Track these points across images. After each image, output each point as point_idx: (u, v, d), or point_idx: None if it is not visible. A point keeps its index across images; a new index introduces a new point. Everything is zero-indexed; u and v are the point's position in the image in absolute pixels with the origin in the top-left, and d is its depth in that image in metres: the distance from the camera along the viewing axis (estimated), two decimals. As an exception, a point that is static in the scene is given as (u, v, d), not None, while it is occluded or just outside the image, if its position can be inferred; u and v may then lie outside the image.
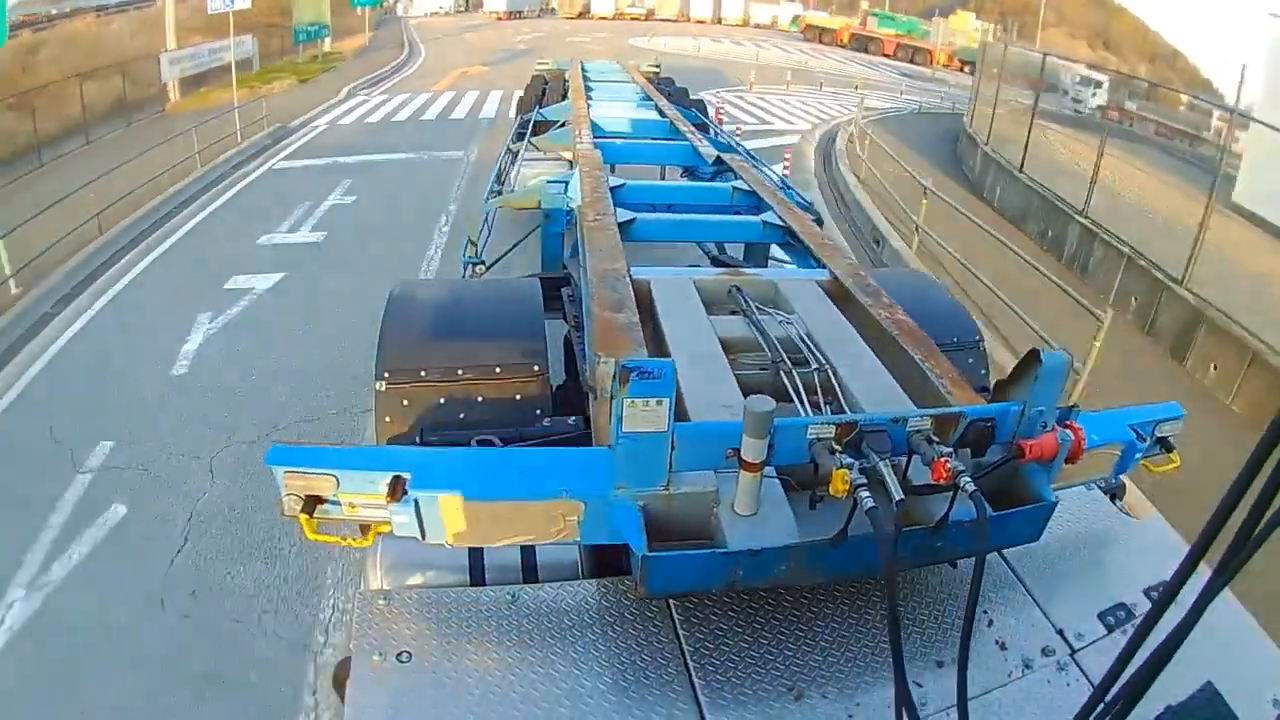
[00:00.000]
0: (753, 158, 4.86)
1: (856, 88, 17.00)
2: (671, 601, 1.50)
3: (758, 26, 40.98)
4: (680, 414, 1.45)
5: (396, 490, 1.38)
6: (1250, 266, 6.60)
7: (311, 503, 1.39)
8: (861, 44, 34.24)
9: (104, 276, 6.50)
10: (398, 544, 1.60)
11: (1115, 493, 1.95)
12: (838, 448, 1.38)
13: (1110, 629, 1.55)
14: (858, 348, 2.08)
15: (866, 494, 1.28)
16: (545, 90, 7.47)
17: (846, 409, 1.79)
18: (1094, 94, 13.98)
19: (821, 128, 13.28)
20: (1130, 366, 5.47)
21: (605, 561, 1.63)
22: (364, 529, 1.47)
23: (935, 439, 1.43)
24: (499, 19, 36.85)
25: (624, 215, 3.06)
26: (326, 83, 16.40)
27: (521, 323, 2.32)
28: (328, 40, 22.55)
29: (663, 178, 5.65)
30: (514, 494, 1.40)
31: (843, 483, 1.31)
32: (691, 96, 7.73)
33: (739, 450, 1.36)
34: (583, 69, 8.07)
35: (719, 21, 41.47)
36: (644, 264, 2.49)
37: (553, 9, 40.64)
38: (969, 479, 1.31)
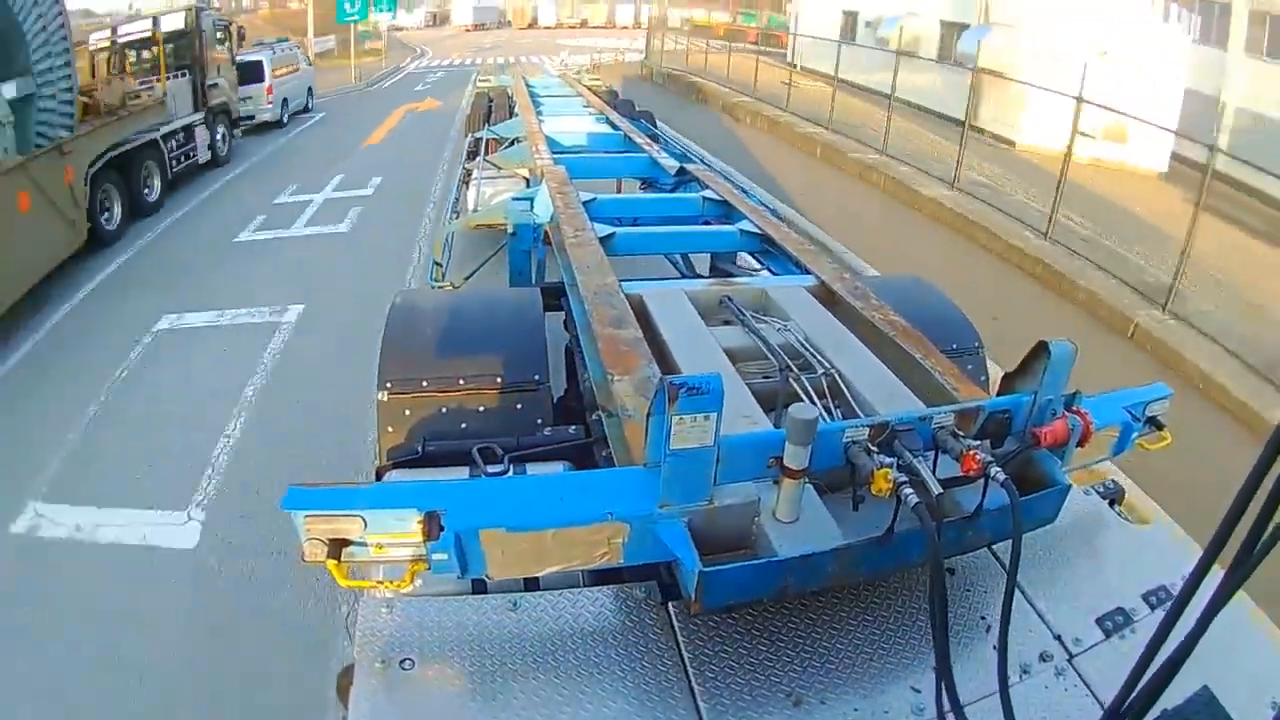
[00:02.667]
0: (711, 167, 5.79)
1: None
2: (672, 609, 1.69)
3: (671, 29, 60.58)
4: None
5: (432, 528, 1.51)
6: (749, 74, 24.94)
7: (337, 546, 1.51)
8: (732, 36, 54.63)
9: (375, 87, 25.63)
10: None
11: (1113, 497, 2.23)
12: (873, 448, 1.61)
13: (1108, 634, 1.74)
14: (857, 350, 2.44)
15: (910, 490, 1.50)
16: (491, 108, 8.73)
17: (857, 410, 2.09)
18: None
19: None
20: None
21: (604, 569, 1.77)
22: (404, 572, 1.59)
23: (960, 433, 1.70)
24: (467, 30, 56.63)
25: (603, 230, 3.55)
26: (389, 60, 35.86)
27: (522, 332, 2.63)
28: (367, 42, 42.48)
29: (619, 190, 6.32)
30: (558, 521, 1.56)
31: (885, 481, 1.52)
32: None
33: (781, 458, 1.57)
34: (527, 85, 9.53)
35: (638, 25, 61.19)
36: (627, 277, 2.85)
37: (508, 21, 60.88)
38: (998, 468, 1.56)
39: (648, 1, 62.07)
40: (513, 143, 6.30)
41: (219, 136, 13.11)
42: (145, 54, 11.60)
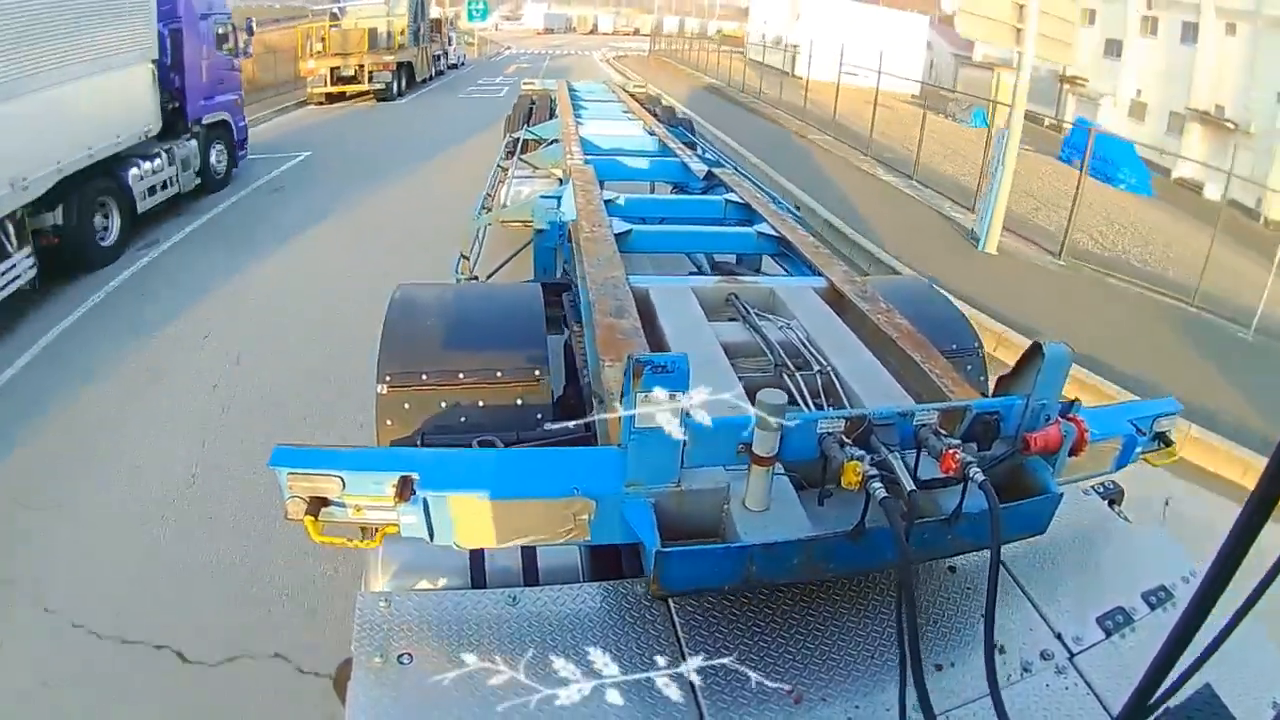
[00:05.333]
0: (741, 172, 6.49)
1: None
2: (672, 604, 1.86)
3: (708, 38, 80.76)
4: None
5: (404, 491, 1.72)
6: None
7: (316, 504, 1.74)
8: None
9: (491, 60, 46.72)
10: (399, 546, 2.07)
11: (1113, 498, 2.46)
12: (847, 441, 1.75)
13: (1109, 633, 1.92)
14: (857, 350, 2.66)
15: (878, 485, 1.62)
16: (532, 110, 10.09)
17: (849, 408, 2.26)
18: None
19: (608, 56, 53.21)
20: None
21: (605, 564, 2.01)
22: (369, 531, 1.85)
23: (942, 432, 1.84)
24: (538, 33, 78.39)
25: (620, 226, 3.91)
26: (488, 49, 56.79)
27: (523, 327, 2.90)
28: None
29: (652, 193, 6.98)
30: (524, 493, 1.76)
31: (854, 475, 1.65)
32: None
33: (750, 445, 1.73)
34: (570, 88, 10.77)
35: (682, 35, 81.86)
36: (641, 273, 3.13)
37: (573, 28, 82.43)
38: (977, 469, 1.68)
39: (697, 17, 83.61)
40: (551, 143, 7.13)
41: (445, 62, 34.00)
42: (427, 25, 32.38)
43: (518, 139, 8.13)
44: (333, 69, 23.90)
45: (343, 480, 1.75)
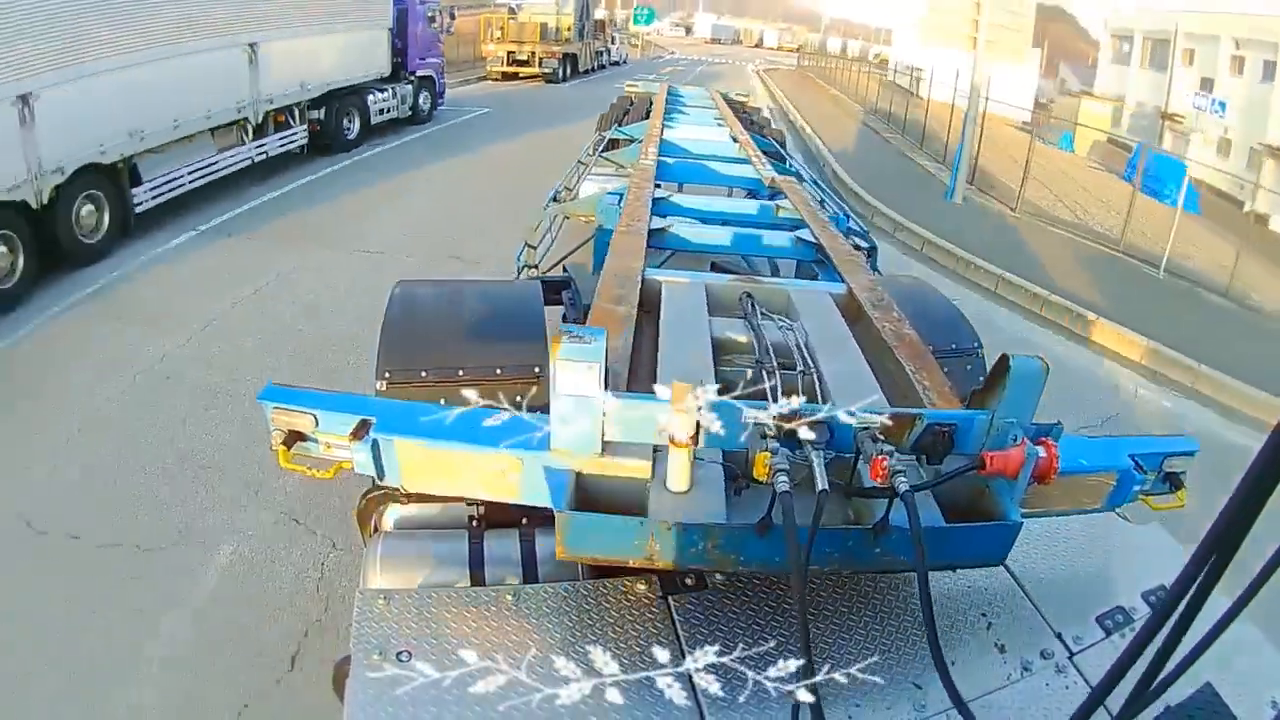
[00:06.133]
0: (817, 184, 6.76)
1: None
2: (672, 601, 1.91)
3: (866, 60, 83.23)
4: None
5: (360, 431, 1.93)
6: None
7: (293, 438, 1.97)
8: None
9: (652, 60, 52.14)
10: (398, 543, 2.19)
11: None
12: (770, 434, 1.70)
13: (1109, 632, 1.94)
14: (853, 356, 2.66)
15: (784, 479, 1.58)
16: (629, 110, 10.62)
17: None
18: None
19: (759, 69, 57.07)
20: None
21: (604, 563, 1.98)
22: (329, 464, 2.05)
23: (880, 438, 1.77)
24: (705, 42, 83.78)
25: (657, 223, 4.06)
26: (651, 51, 62.53)
27: (523, 324, 2.95)
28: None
29: (730, 196, 7.02)
30: (456, 441, 1.91)
31: (764, 467, 1.64)
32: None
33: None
34: (670, 92, 11.23)
35: (844, 55, 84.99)
36: (668, 269, 3.27)
37: (739, 40, 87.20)
38: (904, 480, 1.61)
39: (864, 40, 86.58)
40: (636, 143, 7.45)
41: (607, 58, 39.67)
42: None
43: (605, 136, 8.81)
44: (509, 53, 29.98)
45: (315, 418, 1.98)
